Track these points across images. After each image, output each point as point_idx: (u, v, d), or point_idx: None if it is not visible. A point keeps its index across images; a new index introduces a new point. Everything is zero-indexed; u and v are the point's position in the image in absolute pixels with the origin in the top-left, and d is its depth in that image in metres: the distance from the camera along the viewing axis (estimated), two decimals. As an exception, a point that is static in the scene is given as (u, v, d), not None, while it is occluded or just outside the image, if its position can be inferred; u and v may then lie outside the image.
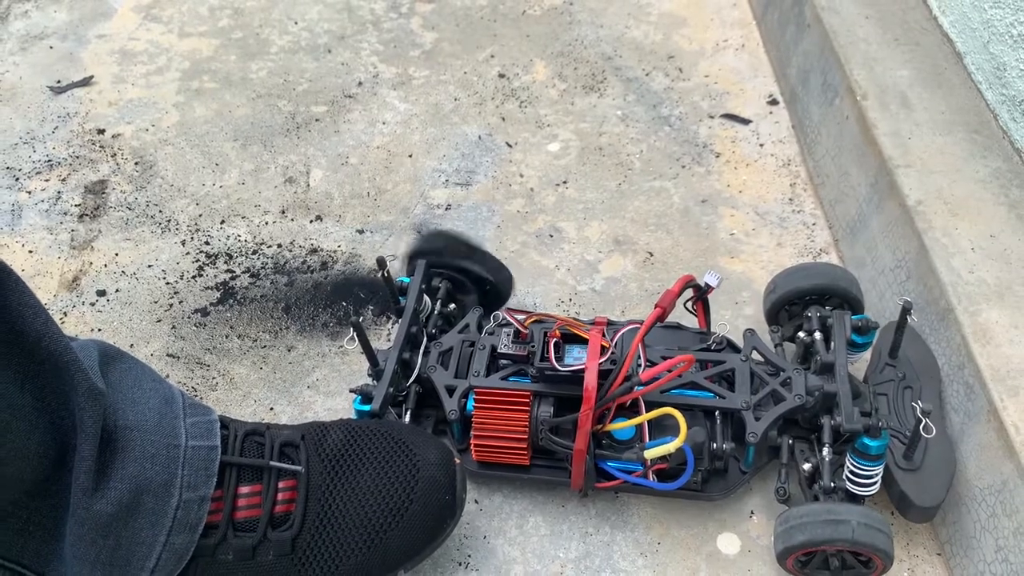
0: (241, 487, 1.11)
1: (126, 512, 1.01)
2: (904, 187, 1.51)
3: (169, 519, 1.04)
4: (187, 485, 1.06)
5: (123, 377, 1.12)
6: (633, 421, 1.26)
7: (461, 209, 1.83)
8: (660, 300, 1.30)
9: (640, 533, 1.33)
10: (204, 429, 1.12)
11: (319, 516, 1.12)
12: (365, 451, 1.19)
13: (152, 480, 1.03)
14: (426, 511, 1.16)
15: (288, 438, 1.18)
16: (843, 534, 1.15)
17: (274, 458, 1.14)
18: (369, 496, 1.14)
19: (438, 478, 1.14)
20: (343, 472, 1.16)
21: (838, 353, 1.31)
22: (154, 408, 1.10)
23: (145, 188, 1.88)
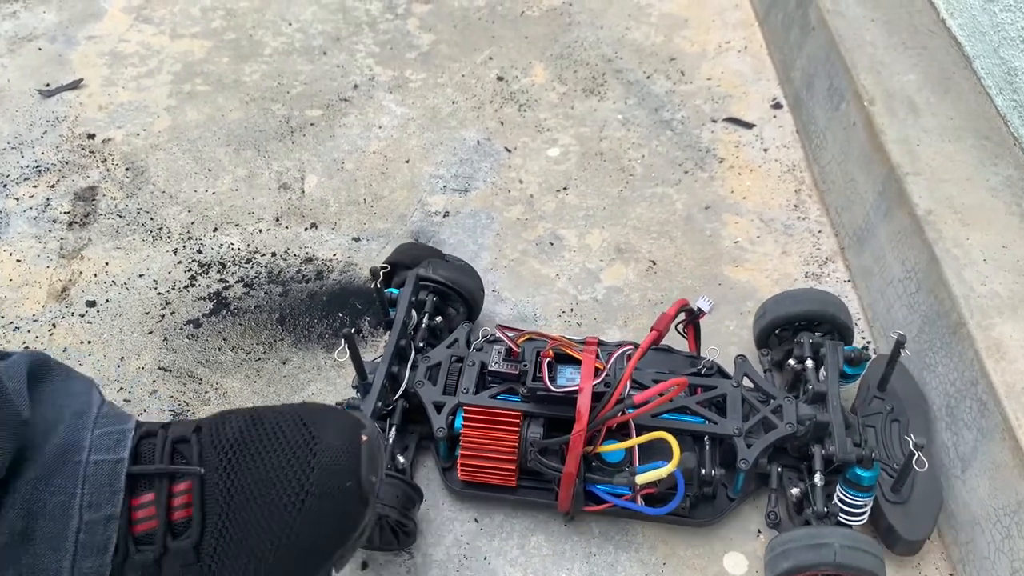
0: (137, 498, 1.03)
1: (20, 540, 0.93)
2: (913, 195, 1.47)
3: (71, 543, 0.96)
4: (88, 505, 0.98)
5: (48, 395, 1.04)
6: (625, 444, 1.23)
7: (459, 216, 1.79)
8: (656, 323, 1.27)
9: (645, 553, 1.30)
10: (112, 441, 1.02)
11: (220, 518, 1.00)
12: (265, 438, 1.02)
13: (46, 503, 0.96)
14: (325, 502, 1.06)
15: (180, 433, 1.10)
16: (826, 557, 1.13)
17: (164, 459, 1.06)
18: (268, 489, 1.07)
19: (338, 462, 0.99)
20: (242, 465, 1.02)
21: (830, 383, 1.28)
22: (64, 423, 1.03)
23: (136, 195, 1.84)
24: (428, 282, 1.45)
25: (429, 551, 1.30)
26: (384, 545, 1.27)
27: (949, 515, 1.28)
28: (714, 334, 1.54)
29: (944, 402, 1.32)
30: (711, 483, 1.26)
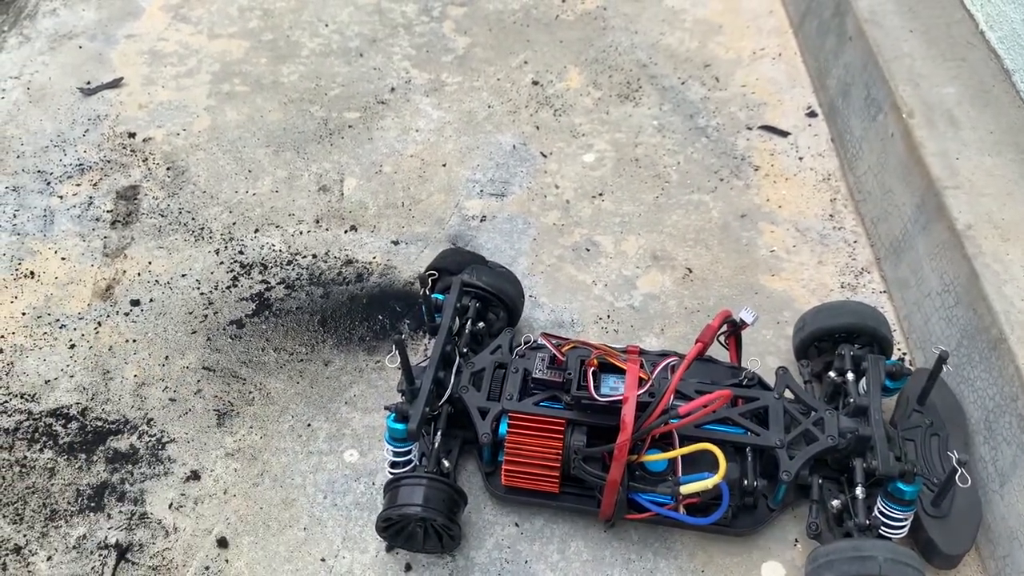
0: None
1: None
2: (953, 209, 1.48)
3: None
4: None
5: None
6: (670, 454, 1.25)
7: (496, 221, 1.81)
8: (701, 335, 1.28)
9: (684, 560, 1.31)
10: None
11: None
12: None
13: None
14: None
15: None
16: (870, 570, 1.14)
17: None
18: None
19: None
20: None
21: (873, 397, 1.30)
22: None
23: (177, 194, 1.87)
24: (472, 288, 1.47)
25: (471, 554, 1.32)
26: (429, 547, 1.30)
27: (986, 529, 1.29)
28: (751, 343, 1.56)
29: (983, 416, 1.33)
30: (752, 493, 1.28)
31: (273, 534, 1.35)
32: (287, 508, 1.38)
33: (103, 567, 1.31)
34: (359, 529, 1.35)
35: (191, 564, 1.31)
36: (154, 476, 1.41)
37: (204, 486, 1.40)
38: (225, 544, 1.33)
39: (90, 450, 1.44)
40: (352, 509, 1.37)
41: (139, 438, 1.46)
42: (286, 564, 1.31)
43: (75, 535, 1.35)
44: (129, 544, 1.34)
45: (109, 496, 1.39)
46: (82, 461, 1.43)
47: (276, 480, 1.41)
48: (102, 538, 1.34)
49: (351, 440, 1.46)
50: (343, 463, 1.43)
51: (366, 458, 1.43)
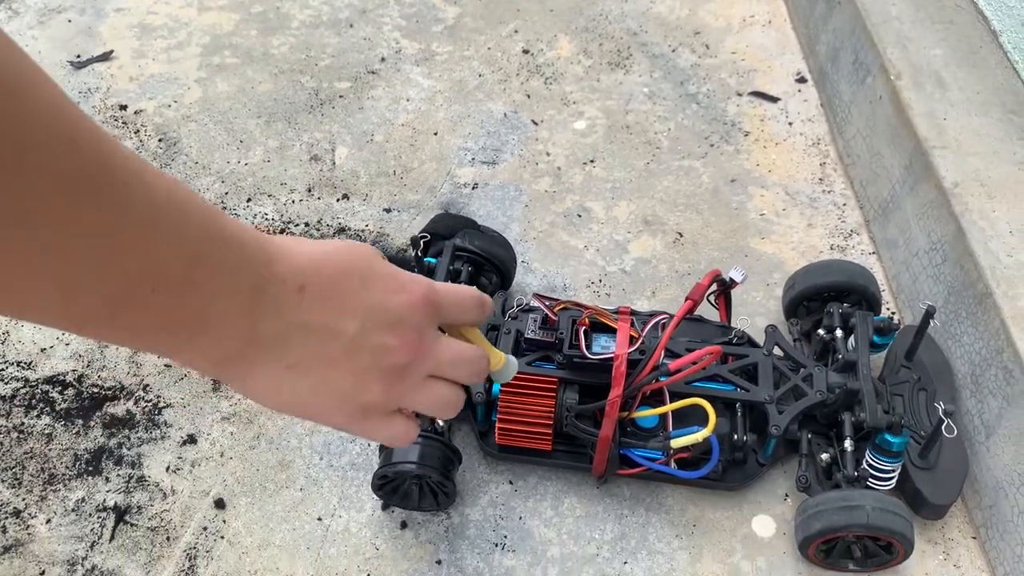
0: None
1: None
2: (940, 169, 1.49)
3: None
4: None
5: None
6: (660, 410, 1.27)
7: (488, 188, 1.81)
8: (691, 293, 1.30)
9: (675, 515, 1.34)
10: None
11: None
12: None
13: None
14: None
15: None
16: (858, 519, 1.16)
17: None
18: None
19: None
20: None
21: (860, 352, 1.31)
22: None
23: (170, 165, 1.87)
24: (464, 252, 1.48)
25: (466, 511, 1.34)
26: (424, 506, 1.31)
27: (973, 480, 1.32)
28: (741, 305, 1.57)
29: (969, 371, 1.35)
30: (742, 448, 1.30)
31: (270, 495, 1.36)
32: (283, 470, 1.39)
33: (102, 528, 1.33)
34: (355, 489, 1.37)
35: (189, 524, 1.33)
36: (151, 440, 1.43)
37: (201, 449, 1.42)
38: (222, 505, 1.35)
39: (87, 416, 1.46)
40: (348, 470, 1.39)
41: (135, 404, 1.47)
42: (283, 524, 1.33)
43: (74, 498, 1.36)
44: (127, 506, 1.35)
45: (107, 460, 1.40)
46: (79, 426, 1.44)
47: (272, 443, 1.42)
48: (100, 501, 1.36)
49: (346, 403, 1.47)
50: (338, 425, 1.44)
51: (361, 420, 1.45)
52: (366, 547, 1.31)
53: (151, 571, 1.28)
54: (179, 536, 1.32)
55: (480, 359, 0.62)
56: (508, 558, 1.29)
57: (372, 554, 1.30)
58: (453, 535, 1.31)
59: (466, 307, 0.63)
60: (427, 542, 1.31)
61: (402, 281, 0.57)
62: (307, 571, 1.28)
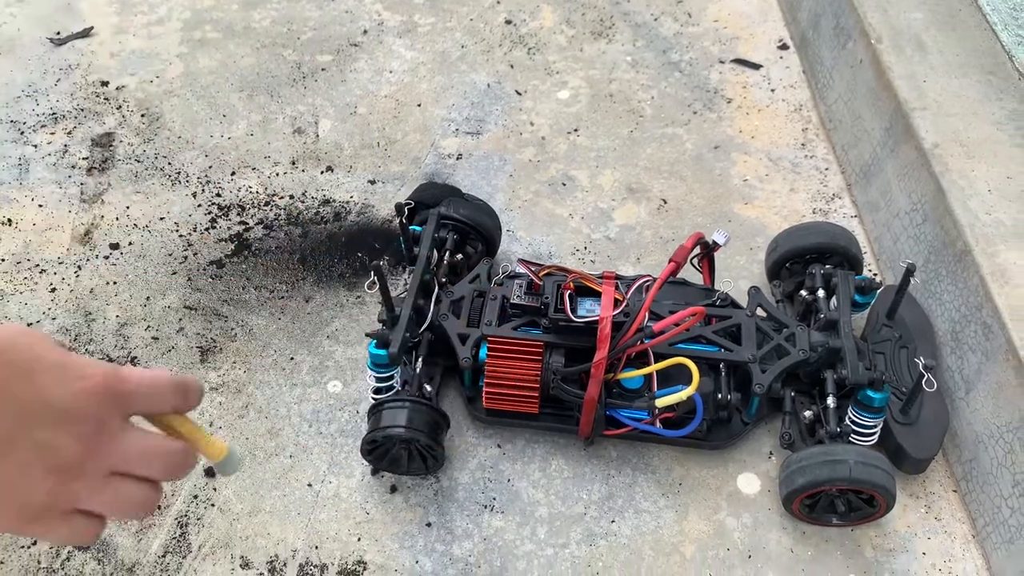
0: None
1: None
2: (920, 130, 1.51)
3: None
4: None
5: None
6: (645, 370, 1.28)
7: (472, 159, 1.82)
8: (674, 255, 1.31)
9: (661, 474, 1.35)
10: None
11: None
12: None
13: None
14: None
15: None
16: (841, 473, 1.18)
17: None
18: None
19: None
20: None
21: (842, 311, 1.33)
22: None
23: (153, 140, 1.87)
24: (449, 220, 1.49)
25: (455, 475, 1.35)
26: (413, 469, 1.33)
27: (953, 435, 1.34)
28: (725, 269, 1.59)
29: (949, 328, 1.37)
30: (727, 407, 1.32)
31: (260, 463, 1.37)
32: (273, 438, 1.40)
33: (93, 499, 1.33)
34: (344, 455, 1.38)
35: (180, 493, 1.34)
36: (140, 411, 1.43)
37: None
38: (212, 473, 1.36)
39: (75, 388, 1.46)
40: (337, 436, 1.40)
41: (124, 376, 1.47)
42: (273, 490, 1.34)
43: (64, 470, 1.37)
44: (118, 476, 1.36)
45: (96, 432, 1.41)
46: (68, 399, 1.45)
47: (261, 412, 1.43)
48: (91, 471, 1.36)
49: (334, 372, 1.48)
50: (327, 394, 1.45)
51: (349, 388, 1.46)
52: (356, 511, 1.32)
53: (142, 539, 1.29)
54: (170, 504, 1.33)
55: (177, 454, 0.56)
56: (497, 519, 1.30)
57: (362, 518, 1.31)
58: (442, 498, 1.33)
59: (161, 394, 0.56)
60: (417, 505, 1.32)
61: (76, 369, 0.51)
62: (298, 536, 1.29)
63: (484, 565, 1.26)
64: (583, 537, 1.29)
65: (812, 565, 1.25)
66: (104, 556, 1.27)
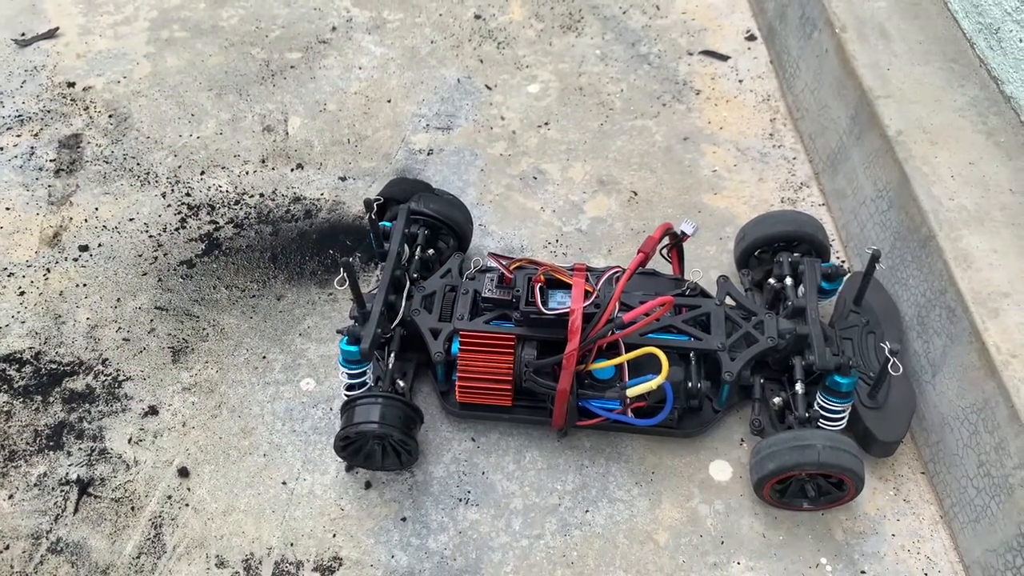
0: None
1: None
2: (884, 118, 1.52)
3: None
4: None
5: None
6: (615, 360, 1.29)
7: (444, 154, 1.82)
8: (642, 246, 1.32)
9: (634, 464, 1.36)
10: None
11: None
12: None
13: None
14: None
15: None
16: (810, 457, 1.20)
17: None
18: None
19: None
20: None
21: (809, 298, 1.35)
22: None
23: (121, 141, 1.85)
24: (420, 215, 1.49)
25: (429, 469, 1.36)
26: (387, 465, 1.33)
27: (920, 418, 1.35)
28: (695, 259, 1.60)
29: (915, 312, 1.39)
30: (697, 396, 1.33)
31: (233, 462, 1.37)
32: (246, 436, 1.40)
33: (65, 502, 1.33)
34: (318, 452, 1.38)
35: (154, 494, 1.33)
36: (112, 413, 1.43)
37: (163, 420, 1.42)
38: (186, 474, 1.35)
39: (46, 392, 1.45)
40: (311, 434, 1.40)
41: (95, 378, 1.47)
42: (248, 489, 1.34)
43: (36, 473, 1.36)
44: (90, 479, 1.35)
45: (68, 435, 1.40)
46: (38, 403, 1.44)
47: (234, 411, 1.43)
48: (63, 475, 1.36)
49: (307, 369, 1.48)
50: (300, 392, 1.45)
51: (322, 386, 1.46)
52: (331, 508, 1.32)
53: (117, 541, 1.29)
54: (144, 506, 1.32)
55: None
56: (472, 512, 1.31)
57: (337, 514, 1.31)
58: (417, 492, 1.33)
59: None
60: (392, 500, 1.33)
61: None
62: (273, 534, 1.29)
63: (460, 558, 1.26)
64: (558, 528, 1.29)
65: (783, 549, 1.27)
66: (78, 559, 1.27)
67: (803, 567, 1.25)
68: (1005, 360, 1.19)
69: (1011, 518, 1.15)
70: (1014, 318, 1.23)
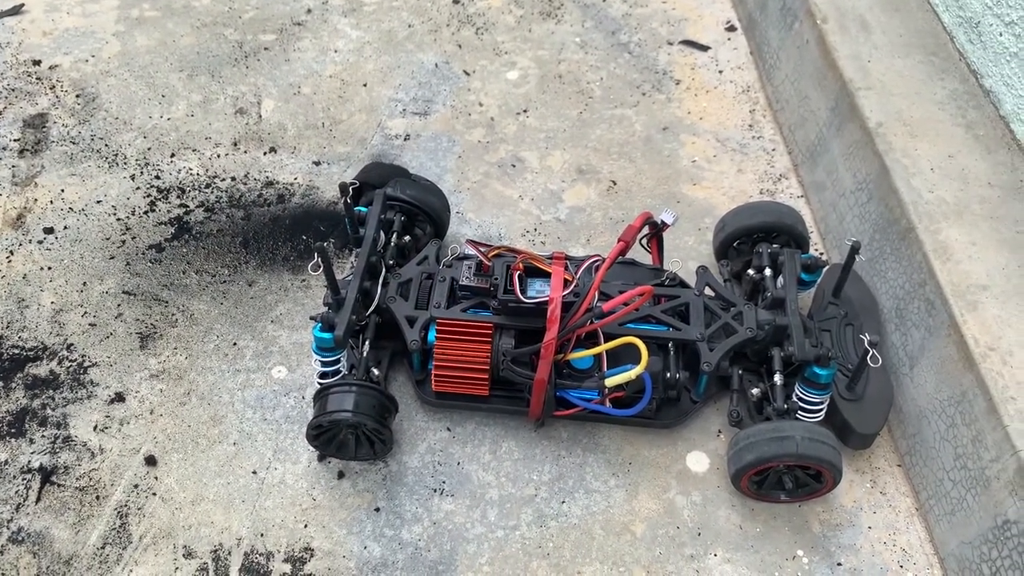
0: None
1: None
2: (865, 109, 1.52)
3: None
4: None
5: None
6: (594, 350, 1.27)
7: (420, 139, 1.79)
8: (622, 235, 1.30)
9: (611, 454, 1.35)
10: None
11: None
12: None
13: None
14: None
15: None
16: (788, 448, 1.19)
17: None
18: None
19: None
20: None
21: (788, 289, 1.34)
22: None
23: (88, 121, 1.80)
24: (396, 201, 1.46)
25: (404, 459, 1.33)
26: (361, 455, 1.30)
27: (897, 411, 1.35)
28: (674, 250, 1.58)
29: (894, 305, 1.39)
30: (675, 386, 1.31)
31: (202, 450, 1.34)
32: (216, 425, 1.37)
33: (27, 491, 1.29)
34: (290, 441, 1.35)
35: (119, 483, 1.30)
36: (76, 400, 1.39)
37: (129, 407, 1.38)
38: (153, 462, 1.32)
39: (7, 377, 1.41)
40: (282, 423, 1.37)
41: (59, 364, 1.43)
42: (217, 478, 1.31)
43: (-4, 461, 1.32)
44: (54, 467, 1.31)
45: (30, 422, 1.36)
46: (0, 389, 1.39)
47: (203, 398, 1.39)
48: (25, 463, 1.32)
49: (279, 357, 1.45)
50: (271, 379, 1.42)
51: (295, 374, 1.43)
52: (303, 498, 1.29)
53: (80, 531, 1.25)
54: (109, 495, 1.29)
55: None
56: (447, 502, 1.29)
57: (309, 504, 1.29)
58: (391, 482, 1.31)
59: None
60: (365, 491, 1.30)
61: None
62: (243, 524, 1.26)
63: (434, 549, 1.24)
64: (534, 518, 1.28)
65: (760, 541, 1.26)
66: (39, 549, 1.23)
67: (780, 559, 1.24)
68: (983, 353, 1.19)
69: (987, 511, 1.15)
70: (992, 311, 1.23)
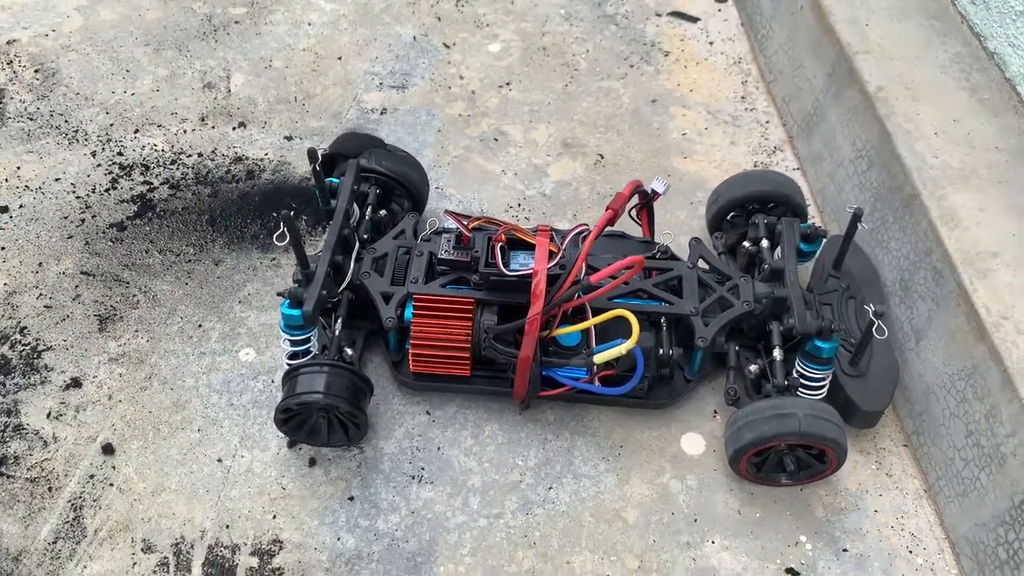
0: None
1: None
2: (864, 73, 1.44)
3: None
4: None
5: None
6: (582, 325, 1.19)
7: (398, 113, 1.70)
8: (611, 203, 1.22)
9: (601, 438, 1.27)
10: None
11: None
12: None
13: None
14: None
15: None
16: (790, 427, 1.11)
17: None
18: None
19: None
20: None
21: (787, 259, 1.26)
22: None
23: (48, 97, 1.71)
24: (371, 173, 1.38)
25: (379, 444, 1.25)
26: (334, 440, 1.22)
27: (903, 388, 1.28)
28: (665, 224, 1.51)
29: (898, 276, 1.31)
30: (668, 363, 1.24)
31: (164, 437, 1.25)
32: (179, 411, 1.28)
33: (-26, 483, 1.20)
34: (258, 428, 1.26)
35: (74, 473, 1.21)
36: (29, 386, 1.30)
37: (86, 393, 1.29)
38: (111, 451, 1.23)
39: (-45, 363, 1.32)
40: (250, 408, 1.28)
41: (11, 348, 1.33)
42: (179, 467, 1.22)
43: (-59, 452, 1.23)
44: (3, 457, 1.22)
45: (-21, 409, 1.27)
46: (-54, 375, 1.30)
47: (165, 383, 1.31)
48: (-28, 453, 1.23)
49: (247, 339, 1.36)
50: (239, 362, 1.33)
51: (263, 356, 1.34)
52: (272, 487, 1.21)
53: (31, 525, 1.16)
54: (63, 486, 1.20)
55: None
56: (426, 490, 1.21)
57: (278, 494, 1.20)
58: (366, 470, 1.22)
59: None
60: (338, 479, 1.22)
61: None
62: (207, 515, 1.17)
63: (412, 539, 1.16)
64: (519, 506, 1.19)
65: (760, 527, 1.18)
66: (-14, 545, 1.14)
67: (781, 545, 1.17)
68: (996, 322, 1.12)
69: (1003, 490, 1.08)
70: (1004, 278, 1.16)
